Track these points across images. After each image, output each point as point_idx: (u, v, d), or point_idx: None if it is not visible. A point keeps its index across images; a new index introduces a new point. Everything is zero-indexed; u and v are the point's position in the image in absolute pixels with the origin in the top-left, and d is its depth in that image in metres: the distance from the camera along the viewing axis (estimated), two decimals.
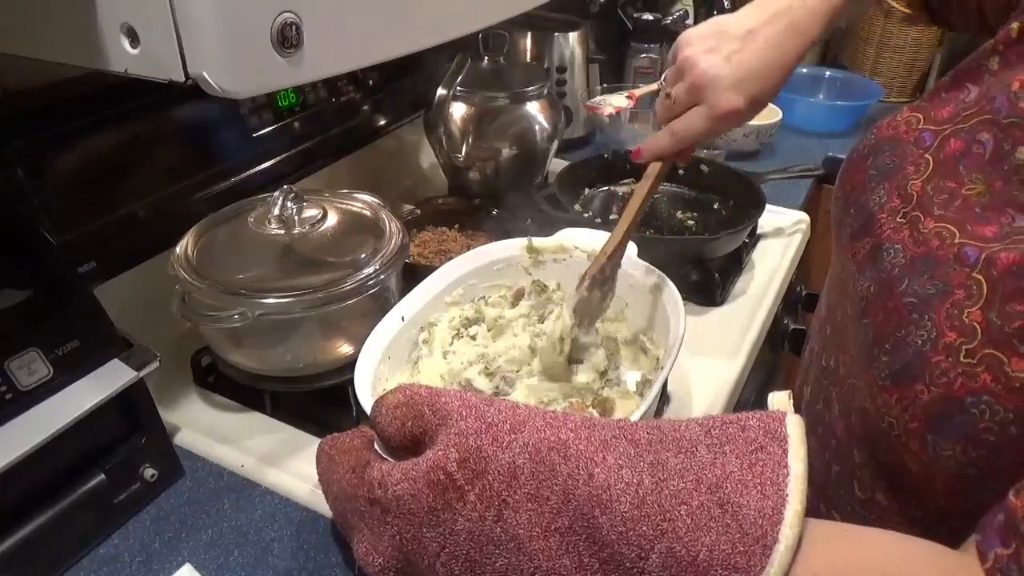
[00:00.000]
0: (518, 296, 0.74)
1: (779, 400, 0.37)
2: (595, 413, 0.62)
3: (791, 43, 0.56)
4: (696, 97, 0.57)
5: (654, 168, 0.61)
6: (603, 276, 0.63)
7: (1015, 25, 0.44)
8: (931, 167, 0.46)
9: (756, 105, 0.57)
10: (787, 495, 0.32)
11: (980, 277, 0.39)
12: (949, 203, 0.44)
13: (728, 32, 0.57)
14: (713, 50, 0.56)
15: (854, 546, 0.33)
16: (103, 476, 0.58)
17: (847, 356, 0.50)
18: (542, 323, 0.71)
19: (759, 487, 0.32)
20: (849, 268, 0.50)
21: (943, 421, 0.39)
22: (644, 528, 0.32)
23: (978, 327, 0.38)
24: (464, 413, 0.38)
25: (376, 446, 0.43)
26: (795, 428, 0.34)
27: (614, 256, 0.63)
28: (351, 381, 0.57)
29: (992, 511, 0.32)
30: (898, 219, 0.46)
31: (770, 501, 0.32)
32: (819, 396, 0.55)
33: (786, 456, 0.33)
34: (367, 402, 0.54)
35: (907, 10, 0.62)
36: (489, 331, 0.71)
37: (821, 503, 0.53)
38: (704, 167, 1.04)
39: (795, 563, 0.31)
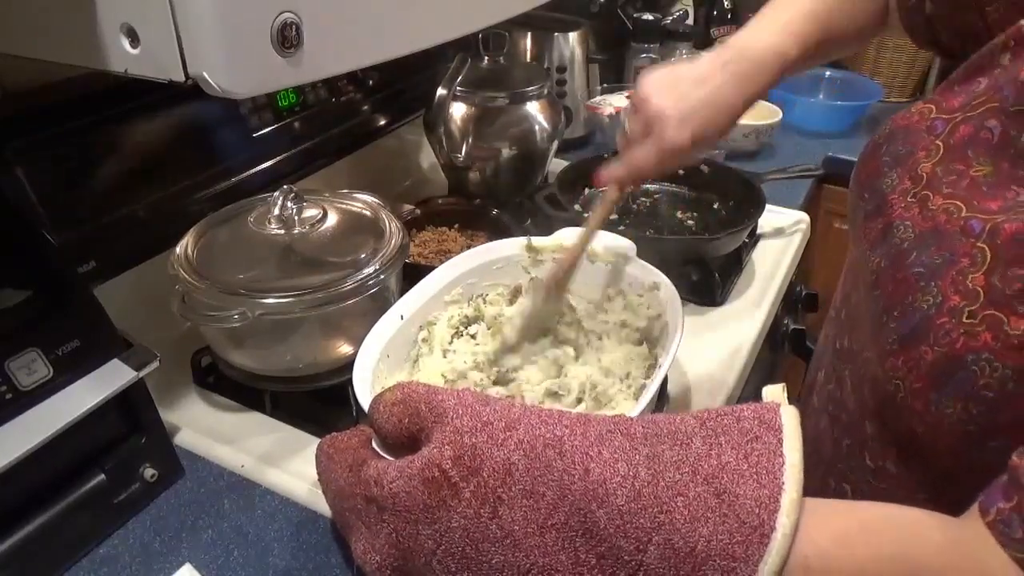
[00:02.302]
0: (516, 293, 0.74)
1: (773, 392, 0.38)
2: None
3: (738, 90, 0.61)
4: (647, 131, 0.61)
5: (612, 193, 0.65)
6: (559, 288, 0.68)
7: None
8: (941, 151, 0.47)
9: (700, 143, 0.61)
10: (783, 483, 0.32)
11: (984, 246, 0.40)
12: (957, 183, 0.45)
13: (683, 78, 0.61)
14: (666, 91, 0.61)
15: (851, 518, 0.34)
16: (103, 476, 0.58)
17: (860, 332, 0.52)
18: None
19: (755, 476, 0.33)
20: (862, 247, 0.51)
21: (946, 379, 0.40)
22: (642, 521, 0.33)
23: (981, 291, 0.39)
24: (460, 411, 0.38)
25: (374, 444, 0.43)
26: (790, 418, 0.35)
27: (569, 271, 0.68)
28: (351, 381, 0.57)
29: (996, 479, 0.32)
30: (908, 199, 0.48)
31: (767, 490, 0.32)
32: (832, 377, 0.56)
33: (781, 445, 0.34)
34: (365, 400, 0.54)
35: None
36: (489, 330, 0.71)
37: (832, 478, 0.54)
38: (704, 167, 1.04)
39: (795, 540, 0.31)
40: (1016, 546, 0.29)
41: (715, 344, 0.81)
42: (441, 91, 0.96)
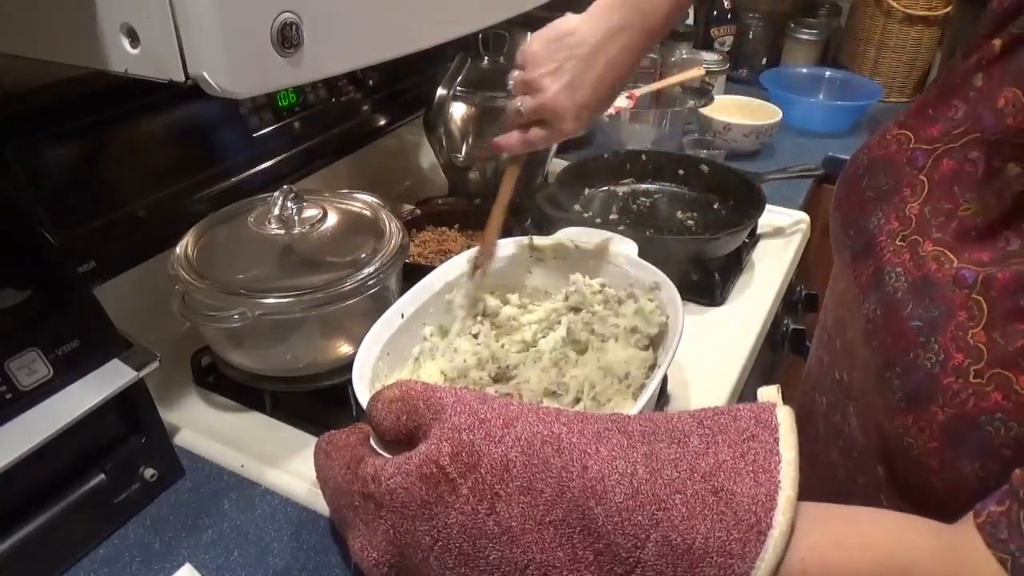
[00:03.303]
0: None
1: (768, 393, 0.38)
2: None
3: (630, 60, 0.61)
4: (541, 117, 0.63)
5: (513, 166, 0.71)
6: (486, 265, 0.72)
7: (998, 41, 0.44)
8: (927, 189, 0.47)
9: (592, 122, 0.64)
10: (779, 481, 0.33)
11: (980, 298, 0.40)
12: (946, 225, 0.45)
13: (572, 51, 0.61)
14: (557, 74, 0.61)
15: (848, 523, 0.34)
16: (103, 476, 0.58)
17: (860, 373, 0.51)
18: (553, 330, 0.71)
19: (752, 474, 0.33)
20: (852, 289, 0.51)
21: (960, 440, 0.39)
22: (639, 517, 0.33)
23: (983, 348, 0.39)
24: (458, 409, 0.38)
25: (372, 441, 0.43)
26: (785, 417, 0.35)
27: (487, 256, 0.72)
28: (351, 381, 0.57)
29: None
30: (897, 242, 0.47)
31: (763, 488, 0.32)
32: (836, 408, 0.56)
33: (777, 444, 0.34)
34: (365, 398, 0.54)
35: (907, 10, 0.63)
36: (493, 331, 0.71)
37: None
38: (704, 167, 1.04)
39: (790, 544, 0.32)
40: (1001, 547, 0.30)
41: (715, 344, 0.81)
42: (441, 91, 0.96)
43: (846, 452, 0.54)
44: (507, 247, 0.74)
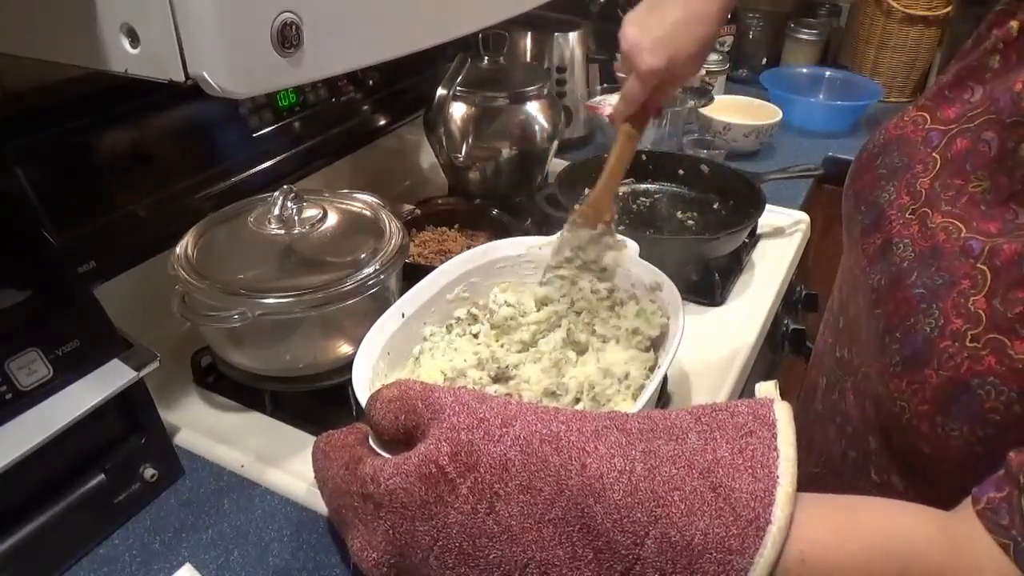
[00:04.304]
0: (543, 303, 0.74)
1: (766, 389, 0.38)
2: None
3: None
4: (629, 65, 0.63)
5: (624, 130, 0.68)
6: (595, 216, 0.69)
7: (1014, 24, 0.45)
8: (939, 165, 0.47)
9: (676, 62, 0.61)
10: (777, 477, 0.33)
11: (984, 268, 0.40)
12: (956, 200, 0.45)
13: (658, 1, 0.62)
14: (636, 22, 0.62)
15: (846, 513, 0.34)
16: (103, 476, 0.58)
17: (860, 346, 0.52)
18: (553, 331, 0.71)
19: (750, 470, 0.33)
20: (860, 262, 0.51)
21: (951, 403, 0.40)
22: (638, 515, 0.33)
23: (983, 314, 0.39)
24: (457, 408, 0.38)
25: (371, 441, 0.43)
26: (783, 413, 0.35)
27: (602, 198, 0.69)
28: (351, 381, 0.57)
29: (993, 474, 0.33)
30: (907, 215, 0.48)
31: (761, 483, 0.33)
32: (835, 386, 0.56)
33: (775, 440, 0.34)
34: (364, 397, 0.54)
35: (907, 10, 0.64)
36: (493, 331, 0.71)
37: (839, 489, 0.54)
38: (704, 167, 1.04)
39: (789, 536, 0.32)
40: (1002, 532, 0.30)
41: (715, 344, 0.81)
42: (441, 91, 0.96)
43: (841, 428, 0.54)
44: (506, 248, 0.74)
